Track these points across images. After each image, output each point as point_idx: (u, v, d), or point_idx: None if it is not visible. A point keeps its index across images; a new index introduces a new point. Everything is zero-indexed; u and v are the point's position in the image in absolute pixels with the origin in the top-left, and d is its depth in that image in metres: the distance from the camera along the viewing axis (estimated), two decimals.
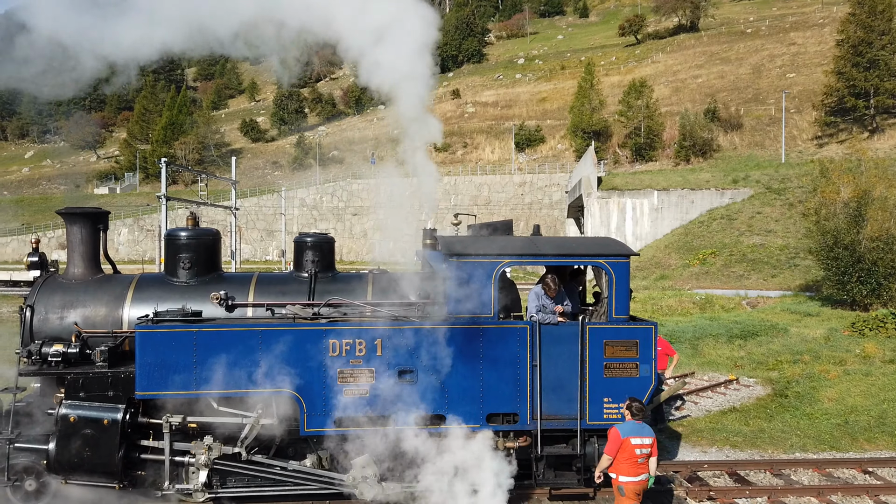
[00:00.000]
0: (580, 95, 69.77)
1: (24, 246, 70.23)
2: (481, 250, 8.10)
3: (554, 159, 71.32)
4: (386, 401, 7.79)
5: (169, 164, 33.46)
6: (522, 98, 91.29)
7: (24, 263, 58.17)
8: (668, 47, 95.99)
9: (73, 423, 7.30)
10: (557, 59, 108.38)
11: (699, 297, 28.72)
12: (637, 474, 6.90)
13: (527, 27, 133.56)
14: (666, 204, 46.27)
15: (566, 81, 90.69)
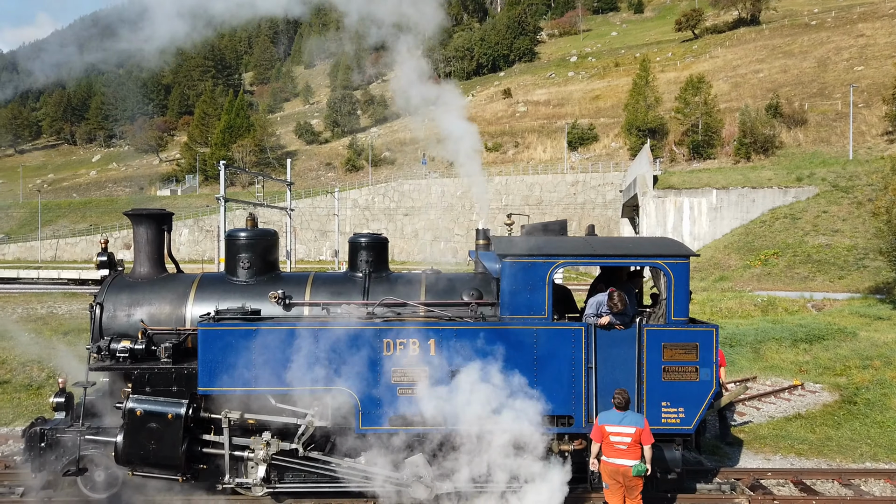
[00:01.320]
0: (635, 92, 68.40)
1: (92, 246, 73.52)
2: (535, 250, 8.01)
3: (608, 158, 70.16)
4: (439, 401, 7.79)
5: (227, 166, 34.40)
6: (575, 96, 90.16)
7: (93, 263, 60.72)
8: (727, 42, 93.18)
9: (140, 417, 7.56)
10: (611, 56, 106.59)
11: (761, 299, 27.74)
12: (613, 457, 7.19)
13: (579, 24, 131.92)
14: (725, 203, 44.90)
15: (620, 79, 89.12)
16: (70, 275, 51.30)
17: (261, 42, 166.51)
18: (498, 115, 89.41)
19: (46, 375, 16.32)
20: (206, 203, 76.10)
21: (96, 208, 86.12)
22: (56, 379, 15.26)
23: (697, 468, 9.61)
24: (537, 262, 7.90)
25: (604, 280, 8.95)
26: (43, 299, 36.29)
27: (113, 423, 7.94)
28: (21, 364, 17.27)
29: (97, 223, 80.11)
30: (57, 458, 7.90)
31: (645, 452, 7.21)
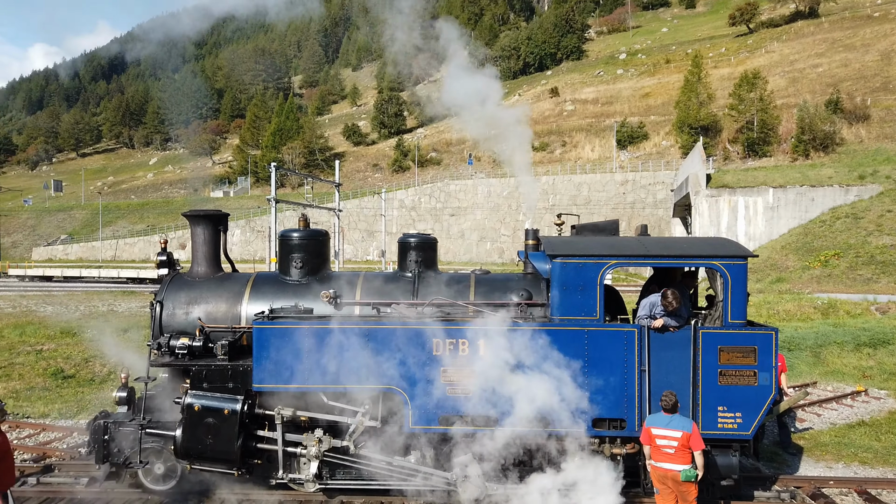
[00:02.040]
0: (687, 89, 66.90)
1: (150, 246, 76.12)
2: (586, 251, 7.90)
3: (658, 156, 68.80)
4: (488, 401, 7.77)
5: (278, 168, 35.13)
6: (624, 94, 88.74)
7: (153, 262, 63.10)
8: (784, 35, 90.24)
9: (198, 412, 7.77)
10: (662, 52, 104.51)
11: (821, 301, 26.74)
12: (661, 461, 7.02)
13: (629, 21, 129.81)
14: (783, 202, 43.48)
15: (671, 76, 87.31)
16: (129, 274, 53.26)
17: (309, 45, 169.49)
18: (545, 114, 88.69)
19: (108, 371, 16.96)
20: (258, 204, 77.87)
21: (153, 209, 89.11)
22: (118, 374, 15.86)
23: (755, 475, 9.33)
24: (589, 262, 7.80)
25: (657, 281, 8.77)
26: (104, 297, 37.76)
27: (172, 417, 8.18)
28: (84, 360, 18.00)
29: (154, 224, 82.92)
30: (119, 451, 8.19)
31: (695, 458, 7.03)
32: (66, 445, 11.24)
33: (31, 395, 14.99)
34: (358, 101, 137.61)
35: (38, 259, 77.39)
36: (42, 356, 18.63)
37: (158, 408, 8.46)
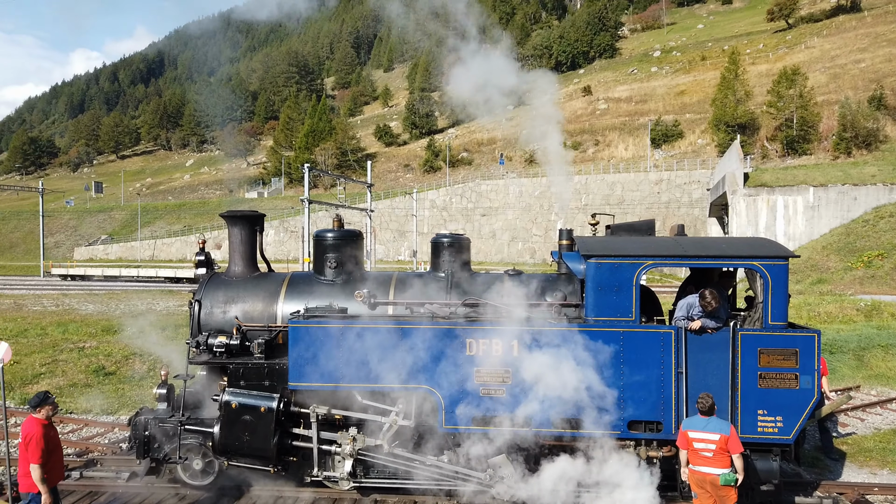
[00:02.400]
0: (723, 86, 65.69)
1: (187, 246, 77.63)
2: (622, 251, 7.81)
3: (694, 155, 67.70)
4: (522, 402, 7.73)
5: (311, 169, 35.53)
6: (658, 92, 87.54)
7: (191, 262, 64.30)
8: (824, 30, 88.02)
9: (235, 410, 7.89)
10: (697, 49, 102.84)
11: (864, 303, 25.98)
12: (699, 465, 6.91)
13: (663, 18, 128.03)
14: (823, 201, 42.38)
15: (707, 73, 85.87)
16: (166, 273, 54.36)
17: (342, 47, 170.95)
18: (577, 113, 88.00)
19: (147, 368, 17.33)
20: (291, 205, 78.82)
21: (190, 210, 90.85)
22: (158, 371, 16.21)
23: (796, 480, 9.11)
24: (624, 262, 7.70)
25: (694, 282, 8.63)
26: (143, 296, 38.63)
27: (210, 414, 8.32)
28: (124, 357, 18.43)
29: (191, 224, 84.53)
30: (159, 446, 8.36)
31: (734, 461, 6.89)
32: (108, 441, 11.52)
33: (74, 391, 15.41)
34: (389, 101, 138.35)
35: (80, 259, 79.51)
36: (84, 353, 19.14)
37: (197, 405, 8.63)
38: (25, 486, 6.69)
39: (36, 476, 6.56)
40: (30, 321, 26.33)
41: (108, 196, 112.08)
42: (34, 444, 6.53)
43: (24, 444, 6.55)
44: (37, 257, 66.42)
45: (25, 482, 6.68)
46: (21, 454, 6.65)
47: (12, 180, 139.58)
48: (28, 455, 6.52)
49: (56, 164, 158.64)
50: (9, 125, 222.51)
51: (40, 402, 6.78)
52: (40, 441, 6.57)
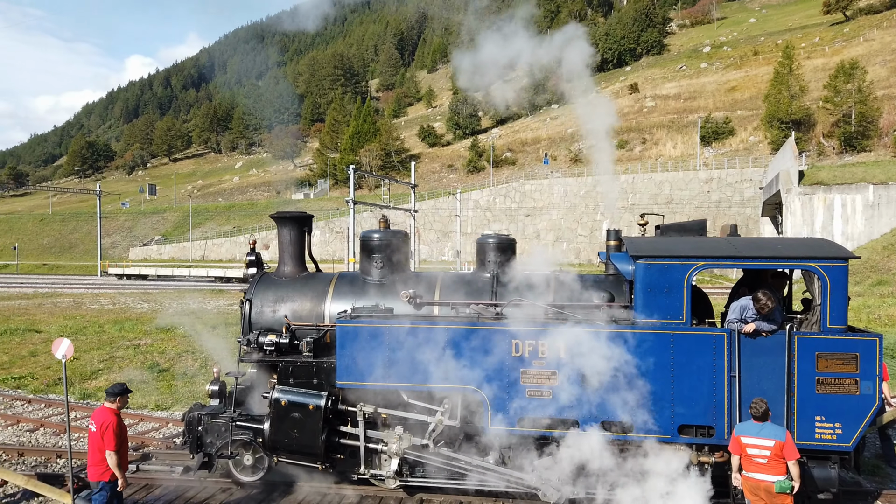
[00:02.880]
0: (777, 82, 63.69)
1: (236, 246, 79.46)
2: (672, 251, 7.65)
3: (745, 153, 65.89)
4: (569, 404, 7.65)
5: (356, 170, 35.95)
6: (708, 88, 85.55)
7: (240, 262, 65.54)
8: (884, 22, 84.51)
9: (284, 407, 8.05)
10: (749, 44, 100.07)
11: None
12: (752, 472, 6.74)
13: (713, 12, 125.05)
14: (884, 199, 40.65)
15: (759, 68, 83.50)
16: (217, 273, 55.75)
17: (386, 49, 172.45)
18: (624, 111, 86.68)
19: (199, 365, 17.81)
20: (336, 206, 79.87)
21: (239, 211, 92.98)
22: (210, 369, 16.64)
23: (855, 489, 8.77)
24: (675, 263, 7.54)
25: (747, 284, 8.39)
26: (194, 295, 39.71)
27: (261, 411, 8.50)
28: (178, 354, 18.99)
29: (239, 225, 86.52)
30: (212, 442, 8.58)
31: (790, 468, 6.67)
32: (162, 435, 11.87)
33: (130, 387, 15.90)
34: (433, 102, 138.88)
35: (135, 259, 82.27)
36: (139, 350, 19.80)
37: (248, 401, 8.82)
38: (96, 475, 6.92)
39: (112, 462, 6.84)
40: (88, 319, 27.39)
41: (162, 198, 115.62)
42: (111, 431, 6.83)
43: (101, 433, 6.82)
44: (95, 257, 68.99)
45: (97, 471, 6.91)
46: (95, 443, 6.87)
47: (71, 183, 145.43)
48: (104, 443, 6.79)
49: (112, 168, 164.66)
50: (68, 130, 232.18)
51: (120, 392, 7.12)
52: (116, 429, 6.89)
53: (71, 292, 43.06)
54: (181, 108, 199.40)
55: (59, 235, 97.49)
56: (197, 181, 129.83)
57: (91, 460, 6.94)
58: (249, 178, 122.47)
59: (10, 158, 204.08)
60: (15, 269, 76.13)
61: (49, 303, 35.24)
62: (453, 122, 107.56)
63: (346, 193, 44.28)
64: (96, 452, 6.88)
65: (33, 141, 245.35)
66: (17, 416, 12.96)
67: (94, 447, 6.89)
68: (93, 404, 14.21)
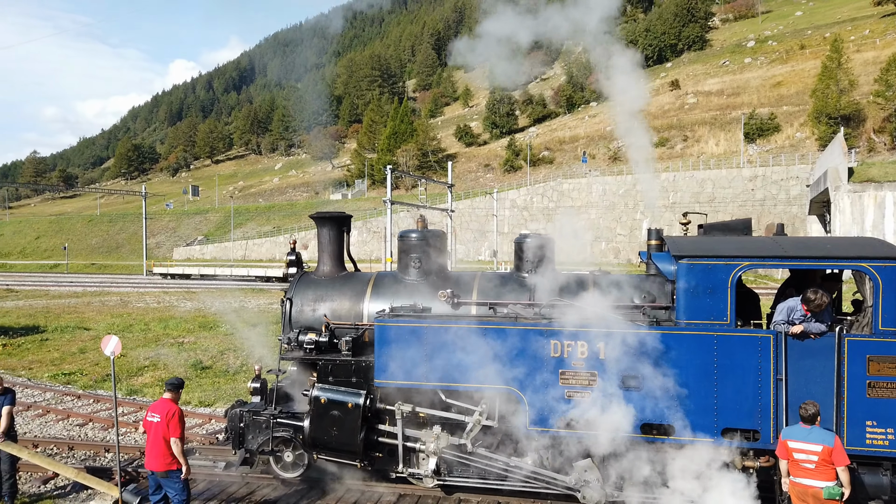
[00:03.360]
0: (825, 76, 61.83)
1: (276, 246, 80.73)
2: (717, 251, 7.48)
3: (791, 150, 64.12)
4: (609, 405, 7.55)
5: (393, 170, 36.15)
6: (752, 84, 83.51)
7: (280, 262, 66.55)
8: None
9: (324, 405, 8.13)
10: (795, 37, 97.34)
11: None
12: (800, 477, 6.53)
13: (758, 6, 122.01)
14: None
15: (806, 62, 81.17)
16: (257, 272, 56.73)
17: (423, 49, 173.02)
18: (664, 108, 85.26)
19: (240, 363, 18.16)
20: (374, 206, 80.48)
21: (278, 212, 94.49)
22: (251, 366, 16.92)
23: None
24: (719, 263, 7.38)
25: (794, 284, 8.16)
26: (236, 294, 40.49)
27: (301, 408, 8.61)
28: (220, 352, 19.39)
29: (279, 226, 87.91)
30: (253, 438, 8.72)
31: (840, 474, 6.45)
32: (205, 431, 12.12)
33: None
34: (470, 102, 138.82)
35: (178, 258, 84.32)
36: (183, 348, 20.29)
37: (289, 399, 8.94)
38: (163, 465, 7.13)
39: (177, 450, 7.12)
40: (134, 317, 28.18)
41: (204, 199, 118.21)
42: (176, 420, 7.15)
43: (166, 421, 7.09)
44: (140, 257, 70.93)
45: (162, 461, 7.12)
46: (159, 433, 7.09)
47: (118, 185, 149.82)
48: (170, 431, 7.07)
49: (157, 170, 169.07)
50: (115, 133, 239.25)
51: (180, 384, 7.46)
52: (181, 418, 7.22)
53: (118, 291, 44.37)
54: (223, 110, 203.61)
55: (107, 236, 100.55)
56: (238, 182, 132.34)
57: (154, 452, 7.15)
58: (289, 179, 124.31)
59: (61, 161, 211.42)
60: (65, 268, 78.83)
61: (97, 301, 36.39)
62: (490, 122, 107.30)
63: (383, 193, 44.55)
64: (160, 442, 7.10)
65: (82, 144, 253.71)
66: (68, 411, 13.41)
67: (158, 437, 7.12)
68: (139, 400, 14.61)
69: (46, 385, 16.02)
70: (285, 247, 75.86)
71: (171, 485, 7.21)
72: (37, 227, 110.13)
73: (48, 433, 12.17)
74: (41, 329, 24.67)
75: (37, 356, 19.81)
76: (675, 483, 7.44)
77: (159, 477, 7.23)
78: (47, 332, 24.15)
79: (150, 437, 7.20)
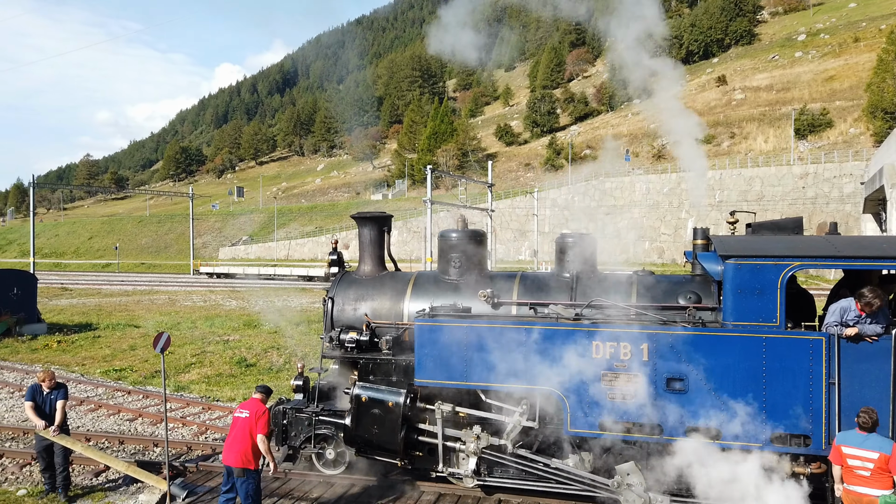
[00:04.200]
0: (880, 70, 59.55)
1: (318, 246, 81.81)
2: (765, 251, 7.25)
3: (845, 146, 61.95)
4: (653, 408, 7.40)
5: (433, 170, 36.24)
6: (803, 79, 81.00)
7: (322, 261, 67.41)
8: None
9: (365, 403, 8.19)
10: (849, 30, 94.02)
11: None
12: (854, 485, 6.31)
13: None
14: None
15: (860, 55, 78.33)
16: (300, 272, 57.57)
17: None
18: (711, 104, 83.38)
19: (283, 360, 18.44)
20: (414, 206, 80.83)
21: (320, 212, 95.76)
22: (294, 364, 17.17)
23: None
24: (768, 263, 7.15)
25: (848, 285, 7.86)
26: (279, 293, 41.18)
27: (343, 406, 8.69)
28: (263, 350, 19.74)
29: (321, 226, 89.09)
30: (296, 435, 8.85)
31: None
32: None
33: (220, 380, 16.69)
34: (510, 101, 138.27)
35: (224, 258, 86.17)
36: (228, 346, 20.72)
37: (331, 396, 9.04)
38: (242, 461, 7.31)
39: (264, 448, 7.38)
40: (182, 315, 28.92)
41: (249, 200, 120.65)
42: (265, 418, 7.43)
43: (255, 419, 7.34)
44: (187, 257, 72.76)
45: (243, 457, 7.31)
46: (245, 428, 7.32)
47: (166, 186, 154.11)
48: (258, 427, 7.34)
49: (203, 171, 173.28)
50: (164, 136, 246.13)
51: (267, 392, 7.74)
52: (270, 419, 7.62)
53: (166, 290, 45.64)
54: (267, 113, 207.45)
55: (156, 236, 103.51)
56: (281, 183, 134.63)
57: (236, 447, 7.32)
58: (330, 180, 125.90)
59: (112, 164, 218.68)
60: (116, 267, 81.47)
61: (146, 300, 37.49)
62: (531, 120, 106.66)
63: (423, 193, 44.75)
64: (244, 438, 7.32)
65: (132, 147, 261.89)
66: (118, 406, 13.83)
67: (244, 432, 7.34)
68: (186, 396, 14.98)
69: (98, 381, 16.56)
70: (327, 247, 76.72)
71: (244, 484, 7.35)
72: (90, 228, 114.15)
73: (100, 427, 12.58)
74: (93, 326, 25.54)
75: (89, 353, 20.50)
76: (721, 489, 7.25)
77: (235, 475, 7.37)
78: (99, 329, 24.98)
79: (234, 432, 7.40)
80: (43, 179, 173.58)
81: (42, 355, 20.01)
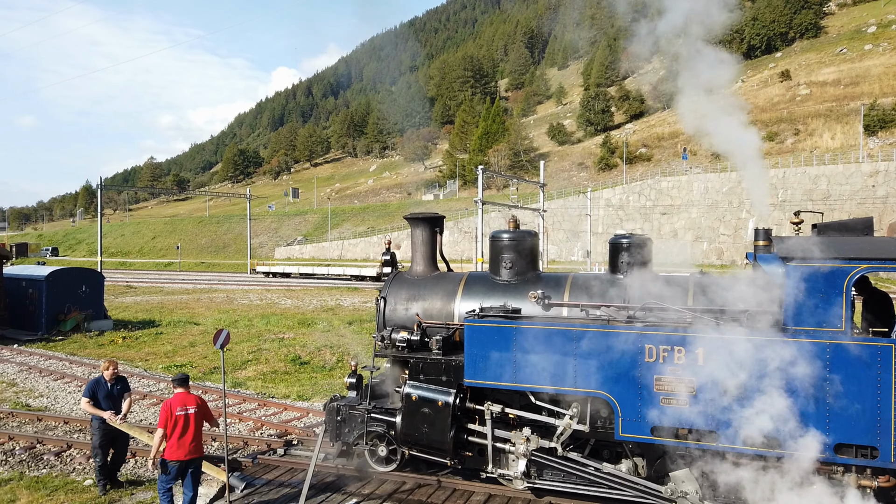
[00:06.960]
0: None
1: (370, 246, 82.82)
2: (830, 253, 6.96)
3: None
4: (708, 415, 7.20)
5: (484, 170, 36.18)
6: (874, 72, 77.38)
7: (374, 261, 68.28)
8: None
9: (415, 402, 8.26)
10: None
11: None
12: None
13: None
14: None
15: None
16: (352, 272, 58.43)
17: (516, 48, 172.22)
18: (773, 100, 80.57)
19: (336, 359, 18.75)
20: (465, 206, 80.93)
21: (372, 213, 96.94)
22: (347, 362, 17.45)
23: None
24: (833, 266, 6.87)
25: None
26: (332, 293, 41.86)
27: (395, 404, 8.79)
28: (317, 348, 20.11)
29: (373, 226, 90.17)
30: (349, 431, 8.99)
31: None
32: (303, 424, 12.61)
33: (275, 377, 17.10)
34: (563, 99, 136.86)
35: (279, 258, 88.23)
36: (283, 344, 21.20)
37: (383, 395, 9.15)
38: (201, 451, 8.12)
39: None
40: (239, 313, 29.73)
41: (304, 201, 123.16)
42: (206, 405, 8.23)
43: (206, 410, 8.13)
44: (245, 256, 74.79)
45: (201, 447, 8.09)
46: (203, 420, 8.09)
47: (225, 188, 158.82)
48: (210, 419, 8.24)
49: (260, 173, 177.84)
50: (223, 139, 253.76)
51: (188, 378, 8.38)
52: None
53: (224, 288, 47.03)
54: (321, 115, 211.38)
55: (215, 236, 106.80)
56: (335, 184, 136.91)
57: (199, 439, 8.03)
58: (383, 181, 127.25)
59: (174, 166, 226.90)
60: (177, 266, 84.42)
61: (206, 298, 38.72)
62: (585, 119, 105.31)
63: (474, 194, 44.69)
64: (200, 429, 8.08)
65: (193, 150, 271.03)
66: None
67: (199, 426, 8.09)
68: (243, 392, 15.40)
69: (160, 376, 17.18)
70: (379, 247, 77.71)
71: (198, 471, 8.05)
72: (153, 228, 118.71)
73: None
74: (156, 323, 26.54)
75: (152, 349, 21.31)
76: (782, 501, 7.00)
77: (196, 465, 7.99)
78: (161, 326, 25.95)
79: (191, 428, 7.83)
80: (110, 181, 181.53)
81: (108, 350, 20.92)
